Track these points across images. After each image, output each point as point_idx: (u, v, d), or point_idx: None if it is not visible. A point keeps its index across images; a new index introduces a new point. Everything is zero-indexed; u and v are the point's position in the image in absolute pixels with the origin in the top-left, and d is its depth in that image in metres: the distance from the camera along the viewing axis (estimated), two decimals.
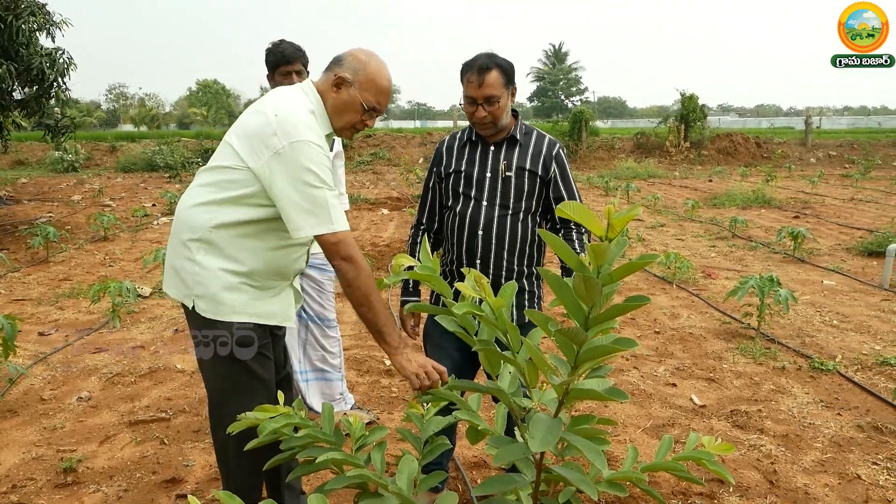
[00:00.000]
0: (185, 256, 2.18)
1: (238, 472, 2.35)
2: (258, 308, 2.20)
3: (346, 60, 2.18)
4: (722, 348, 5.03)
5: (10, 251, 8.95)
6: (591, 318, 1.42)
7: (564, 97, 75.52)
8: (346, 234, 2.08)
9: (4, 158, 24.94)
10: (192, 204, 2.20)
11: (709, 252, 9.00)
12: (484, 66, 2.49)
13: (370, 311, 2.11)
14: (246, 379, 2.23)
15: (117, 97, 77.61)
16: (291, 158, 2.01)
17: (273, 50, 3.35)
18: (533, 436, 1.42)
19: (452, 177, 2.68)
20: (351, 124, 2.22)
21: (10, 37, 9.30)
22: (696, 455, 1.81)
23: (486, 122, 2.54)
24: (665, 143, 26.10)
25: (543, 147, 2.65)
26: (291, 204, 2.02)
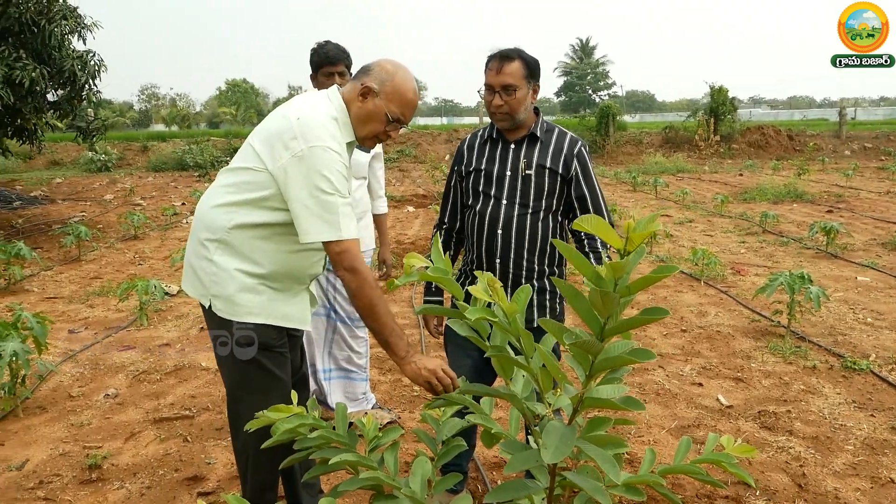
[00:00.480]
0: (203, 256, 2.20)
1: (256, 471, 2.36)
2: (274, 310, 2.20)
3: (374, 70, 2.17)
4: (750, 347, 4.93)
5: (43, 250, 9.12)
6: (606, 329, 1.39)
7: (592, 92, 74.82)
8: (351, 244, 2.06)
9: (40, 159, 25.46)
10: (212, 204, 2.22)
11: (738, 248, 8.86)
12: (506, 55, 2.49)
13: (375, 322, 2.10)
14: (262, 377, 2.24)
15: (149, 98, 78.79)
16: (308, 163, 2.01)
17: (318, 50, 3.36)
18: (546, 446, 1.39)
19: (473, 175, 2.66)
20: (374, 134, 2.21)
21: (43, 40, 9.46)
22: (715, 457, 1.76)
23: (502, 111, 2.52)
24: (694, 136, 25.78)
25: (565, 145, 2.61)
26: (302, 208, 2.02)
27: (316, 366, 3.66)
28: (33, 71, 8.94)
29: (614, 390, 1.54)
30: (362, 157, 3.51)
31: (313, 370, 3.65)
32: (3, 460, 3.33)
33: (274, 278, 2.19)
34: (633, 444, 3.49)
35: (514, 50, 2.51)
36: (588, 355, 1.43)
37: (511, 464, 1.52)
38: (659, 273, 1.35)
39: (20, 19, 9.04)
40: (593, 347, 1.39)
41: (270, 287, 2.19)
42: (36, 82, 9.02)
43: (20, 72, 8.79)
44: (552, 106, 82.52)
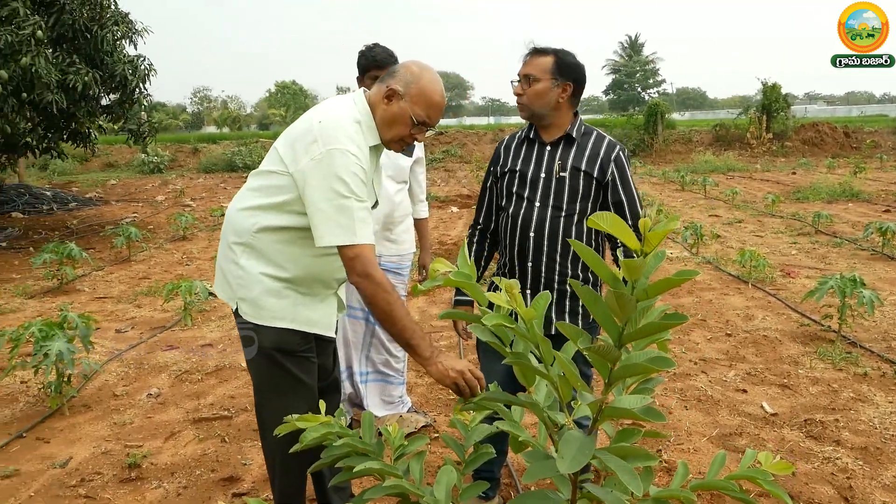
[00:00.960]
0: (231, 259, 2.22)
1: (283, 474, 2.37)
2: (299, 314, 2.20)
3: (399, 72, 2.15)
4: (798, 352, 4.78)
5: (96, 250, 9.38)
6: (624, 335, 1.35)
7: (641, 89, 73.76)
8: (364, 249, 2.03)
9: (96, 161, 26.22)
10: (239, 207, 2.24)
11: (789, 249, 8.61)
12: (540, 49, 2.49)
13: (394, 327, 2.07)
14: (287, 381, 2.25)
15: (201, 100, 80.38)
16: (325, 165, 2.00)
17: (365, 53, 3.36)
18: (563, 455, 1.36)
19: (507, 176, 2.63)
20: (399, 137, 2.19)
21: (96, 46, 9.72)
22: (750, 474, 1.69)
23: (520, 102, 2.52)
24: (746, 134, 25.20)
25: (602, 149, 2.56)
26: (318, 211, 2.01)
27: (353, 368, 3.67)
28: (86, 75, 9.20)
29: (637, 400, 1.49)
30: (404, 161, 3.50)
31: (349, 372, 3.66)
32: (49, 458, 3.42)
33: (299, 282, 2.20)
34: (673, 452, 3.41)
35: (553, 48, 2.50)
36: (607, 362, 1.39)
37: (528, 473, 1.49)
38: (680, 276, 1.30)
39: (74, 25, 9.31)
40: (610, 354, 1.35)
41: (296, 291, 2.20)
42: (89, 87, 9.27)
43: (74, 76, 9.04)
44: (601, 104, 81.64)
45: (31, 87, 8.60)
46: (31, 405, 4.06)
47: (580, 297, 1.41)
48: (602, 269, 1.35)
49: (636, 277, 1.29)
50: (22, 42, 8.03)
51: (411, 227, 3.68)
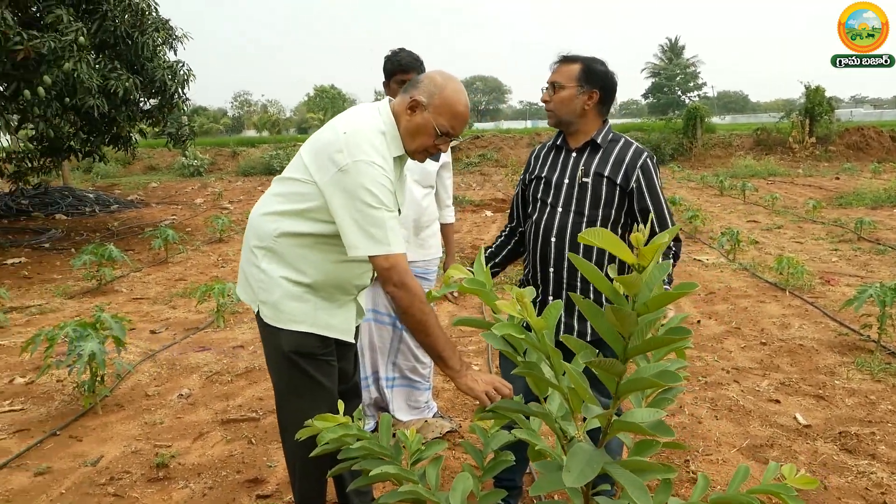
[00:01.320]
0: (253, 262, 2.26)
1: (303, 477, 2.40)
2: (318, 319, 2.22)
3: (423, 83, 2.15)
4: (835, 362, 4.66)
5: (134, 252, 9.57)
6: (629, 350, 1.33)
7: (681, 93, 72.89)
8: (399, 259, 2.05)
9: (138, 164, 26.77)
10: (262, 212, 2.27)
11: (830, 256, 8.41)
12: (567, 57, 2.50)
13: (427, 337, 2.08)
14: (306, 384, 2.27)
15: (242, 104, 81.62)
16: (352, 177, 2.02)
17: (391, 58, 3.38)
18: (570, 468, 1.34)
19: (534, 183, 2.64)
20: (423, 147, 2.19)
21: (136, 52, 9.92)
22: (773, 488, 1.65)
23: (547, 109, 2.54)
24: (788, 138, 24.69)
25: (627, 156, 2.53)
26: (350, 222, 2.03)
27: (379, 373, 3.67)
28: (127, 81, 9.39)
29: (648, 414, 1.46)
30: (431, 166, 3.51)
31: (375, 377, 3.67)
32: (80, 456, 3.49)
33: (319, 288, 2.22)
34: (701, 463, 3.35)
35: (582, 55, 2.49)
36: (613, 377, 1.37)
37: (536, 485, 1.47)
38: (680, 290, 1.28)
39: (115, 32, 9.51)
40: (614, 368, 1.33)
41: (316, 296, 2.22)
42: (129, 92, 9.46)
43: (115, 82, 9.24)
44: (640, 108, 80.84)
45: (73, 92, 8.80)
46: (65, 404, 4.15)
47: (582, 310, 1.39)
48: (602, 283, 1.33)
49: (634, 292, 1.28)
50: (65, 48, 8.23)
51: (438, 232, 3.68)
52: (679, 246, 2.60)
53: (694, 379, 4.43)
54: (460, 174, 23.36)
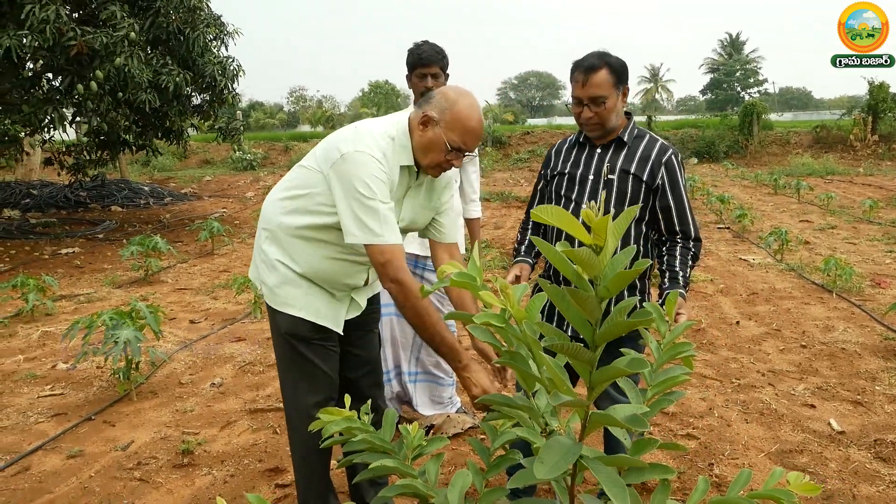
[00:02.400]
0: (259, 243, 2.37)
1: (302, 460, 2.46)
2: (310, 303, 2.28)
3: (435, 98, 2.16)
4: (878, 367, 4.49)
5: (182, 243, 9.82)
6: (597, 335, 1.31)
7: (741, 89, 71.13)
8: (394, 253, 2.08)
9: (193, 158, 27.42)
10: (272, 197, 2.37)
11: (884, 258, 8.11)
12: (591, 66, 2.38)
13: (425, 332, 2.13)
14: (302, 366, 2.34)
15: (297, 100, 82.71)
16: (350, 165, 2.07)
17: (413, 51, 3.38)
18: (543, 460, 1.32)
19: (556, 178, 2.60)
20: (436, 163, 2.19)
21: (188, 48, 10.17)
22: (771, 493, 1.61)
23: (591, 123, 2.44)
24: (849, 136, 23.86)
25: (653, 152, 2.48)
26: (346, 207, 2.08)
27: (401, 367, 3.69)
28: (177, 76, 9.63)
29: (630, 408, 1.44)
30: None
31: (398, 371, 3.69)
32: (112, 440, 3.60)
33: (309, 277, 2.29)
34: (726, 466, 3.27)
35: (600, 57, 2.41)
36: (585, 365, 1.35)
37: (513, 479, 1.46)
38: (634, 270, 1.24)
39: (168, 28, 9.76)
40: (580, 354, 1.30)
41: (310, 282, 2.29)
42: (180, 87, 9.70)
43: (165, 77, 9.49)
44: (697, 104, 79.17)
45: (125, 87, 9.07)
46: (103, 390, 4.28)
47: (548, 295, 1.37)
48: (564, 265, 1.32)
49: (594, 273, 1.25)
50: (116, 43, 8.48)
51: (461, 228, 3.67)
52: (699, 246, 2.54)
53: (727, 381, 4.32)
54: (509, 170, 23.29)
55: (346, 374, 2.53)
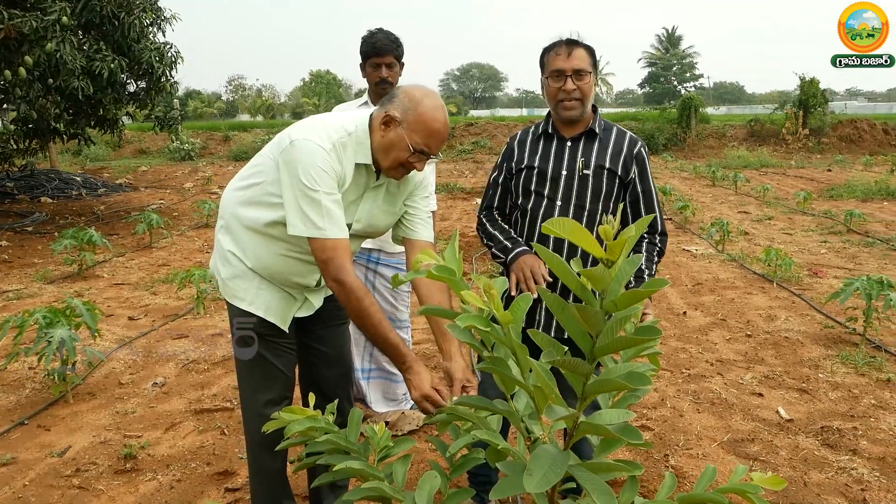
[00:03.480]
0: (216, 233, 2.29)
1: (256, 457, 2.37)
2: (259, 298, 2.20)
3: (398, 97, 2.07)
4: (820, 355, 4.61)
5: (119, 236, 9.46)
6: (597, 348, 1.25)
7: (678, 83, 72.80)
8: (336, 251, 2.00)
9: (128, 147, 26.55)
10: (230, 186, 2.29)
11: (819, 248, 8.37)
12: (572, 41, 2.36)
13: (368, 332, 2.07)
14: (257, 361, 2.25)
15: (236, 88, 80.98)
16: (297, 152, 2.00)
17: (367, 40, 3.26)
18: (532, 472, 1.26)
19: (524, 173, 2.49)
20: (398, 163, 2.09)
21: (123, 33, 9.76)
22: (739, 487, 1.60)
23: (573, 97, 2.35)
24: (781, 130, 24.63)
25: (624, 145, 2.45)
26: (290, 199, 2.01)
27: (354, 365, 3.60)
28: (112, 62, 9.24)
29: (617, 416, 1.39)
30: None
31: None
32: (48, 446, 3.41)
33: (259, 272, 2.20)
34: (681, 457, 3.29)
35: (577, 36, 2.39)
36: (580, 377, 1.30)
37: (497, 489, 1.40)
38: (649, 287, 1.21)
39: (101, 12, 9.34)
40: (580, 368, 1.25)
41: (260, 276, 2.20)
42: (115, 73, 9.32)
43: (100, 63, 9.09)
44: (636, 97, 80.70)
45: (56, 73, 8.65)
46: (36, 392, 4.06)
47: (549, 306, 1.32)
48: (569, 277, 1.26)
49: (602, 288, 1.20)
50: (47, 28, 8.08)
51: None
52: (665, 241, 2.53)
53: (677, 371, 4.37)
54: (453, 161, 23.24)
55: (314, 373, 2.45)
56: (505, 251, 2.46)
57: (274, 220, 2.08)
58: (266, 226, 2.11)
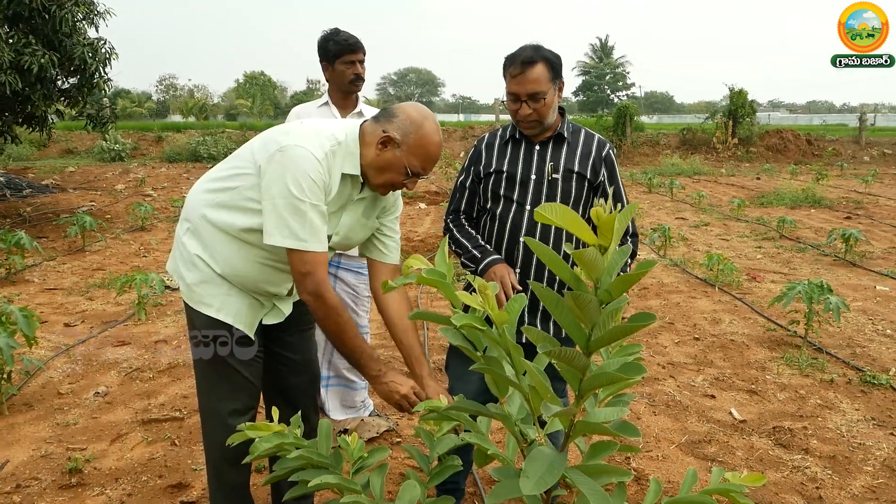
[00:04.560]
0: (180, 234, 2.17)
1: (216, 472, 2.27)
2: (230, 305, 2.10)
3: (398, 118, 2.01)
4: (765, 357, 4.74)
5: (48, 240, 9.05)
6: (592, 341, 1.23)
7: (610, 92, 74.46)
8: (316, 265, 1.94)
9: (54, 147, 25.48)
10: (198, 188, 2.17)
11: (754, 253, 8.64)
12: (528, 60, 2.28)
13: (342, 347, 2.04)
14: (222, 371, 2.15)
15: (167, 88, 78.93)
16: (287, 158, 1.91)
17: (334, 38, 3.20)
18: (528, 475, 1.23)
19: (493, 177, 2.46)
20: (390, 183, 2.06)
21: (54, 26, 9.35)
22: (724, 488, 1.61)
23: (530, 120, 2.34)
24: (712, 139, 25.43)
25: (593, 148, 2.44)
26: (271, 206, 1.92)
27: None
28: (42, 57, 8.84)
29: (611, 413, 1.37)
30: None
31: None
32: None
33: (228, 278, 2.10)
34: (641, 460, 3.32)
35: (535, 50, 2.32)
36: (576, 371, 1.28)
37: (493, 493, 1.37)
38: (641, 270, 1.19)
39: (31, 4, 8.93)
40: (577, 361, 1.23)
41: (230, 282, 2.10)
42: (45, 69, 8.92)
43: (29, 57, 8.69)
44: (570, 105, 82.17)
45: None
46: None
47: (542, 300, 1.29)
48: (561, 268, 1.24)
49: (596, 276, 1.18)
50: None
51: None
52: (636, 242, 2.54)
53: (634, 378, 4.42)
54: None
55: (281, 382, 2.36)
56: (475, 260, 2.43)
57: (250, 226, 2.00)
58: (241, 231, 2.02)
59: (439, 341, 4.98)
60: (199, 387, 2.24)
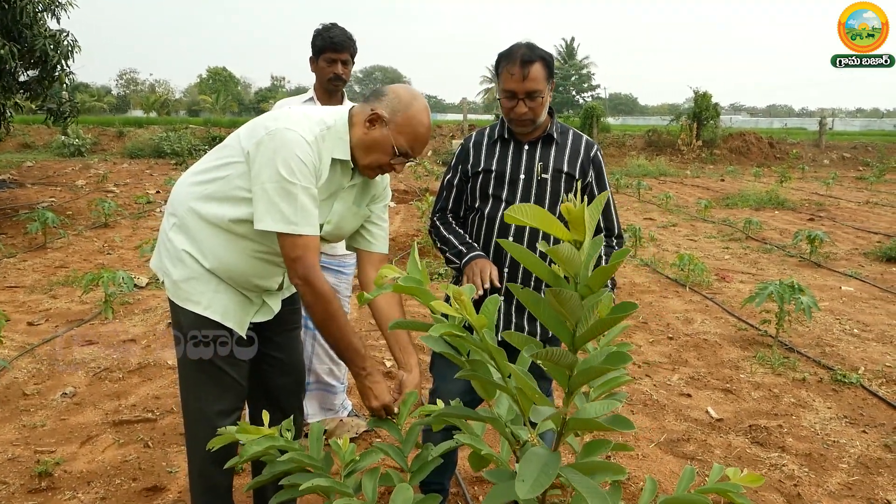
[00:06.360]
0: (165, 229, 2.10)
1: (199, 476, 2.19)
2: (217, 302, 2.04)
3: (387, 97, 1.98)
4: (738, 356, 4.80)
5: (7, 236, 8.79)
6: (577, 337, 1.22)
7: (576, 93, 75.10)
8: (308, 249, 1.90)
9: (10, 141, 24.81)
10: (185, 181, 2.11)
11: (722, 254, 8.75)
12: (527, 59, 2.26)
13: (330, 337, 2.00)
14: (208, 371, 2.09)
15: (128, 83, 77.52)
16: (277, 142, 1.87)
17: (322, 34, 3.15)
18: (523, 477, 1.20)
19: (481, 176, 2.43)
20: (378, 164, 2.02)
21: (14, 17, 9.08)
22: (721, 487, 1.60)
23: (525, 118, 2.32)
24: (677, 141, 25.78)
25: (581, 148, 2.43)
26: (261, 191, 1.87)
27: None
28: (2, 48, 8.58)
29: (602, 407, 1.35)
30: None
31: None
32: None
33: (217, 273, 2.04)
34: (622, 458, 3.32)
35: (531, 49, 2.29)
36: (564, 369, 1.25)
37: (490, 497, 1.34)
38: (617, 259, 1.18)
39: None
40: (564, 359, 1.21)
41: (218, 278, 2.04)
42: (4, 60, 8.66)
43: None
44: None
45: None
46: None
47: (522, 300, 1.27)
48: (537, 266, 1.22)
49: (574, 271, 1.17)
50: None
51: None
52: (622, 243, 2.54)
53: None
54: None
55: (267, 382, 2.29)
56: (459, 256, 2.40)
57: (240, 217, 1.94)
58: (231, 223, 1.96)
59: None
60: (183, 387, 2.17)
